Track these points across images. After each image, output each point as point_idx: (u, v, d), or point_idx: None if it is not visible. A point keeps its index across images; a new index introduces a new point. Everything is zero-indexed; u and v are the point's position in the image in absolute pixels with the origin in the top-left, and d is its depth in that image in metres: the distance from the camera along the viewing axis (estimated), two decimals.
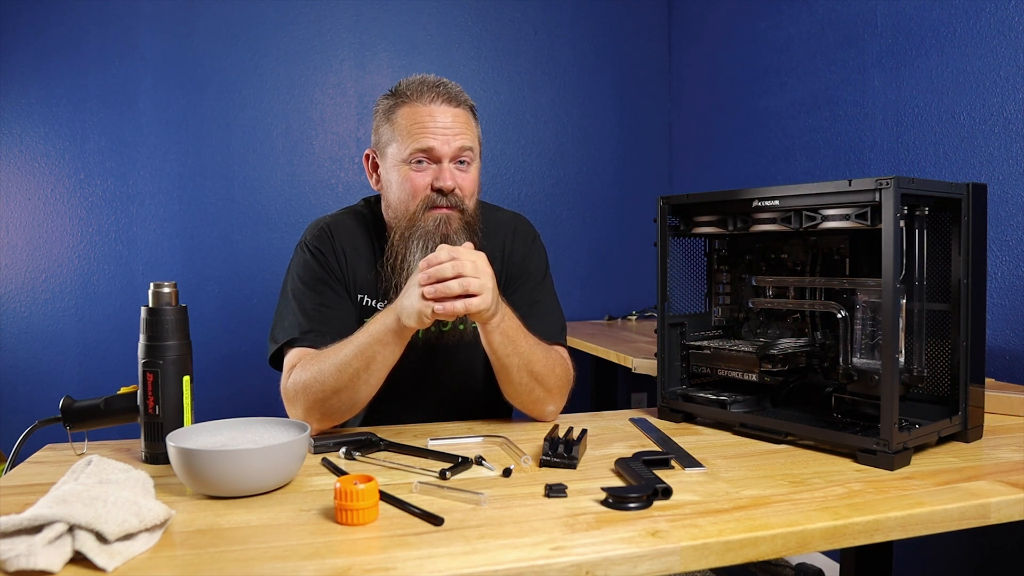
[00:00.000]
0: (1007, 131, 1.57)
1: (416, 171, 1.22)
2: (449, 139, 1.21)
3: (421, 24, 2.73)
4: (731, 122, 2.59)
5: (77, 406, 1.02)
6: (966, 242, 1.02)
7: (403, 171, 1.23)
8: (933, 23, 1.74)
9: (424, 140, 1.21)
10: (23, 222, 2.41)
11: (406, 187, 1.23)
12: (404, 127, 1.22)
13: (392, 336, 1.08)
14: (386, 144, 1.26)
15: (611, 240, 2.97)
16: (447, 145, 1.21)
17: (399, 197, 1.24)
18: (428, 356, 1.30)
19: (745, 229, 1.15)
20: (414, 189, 1.22)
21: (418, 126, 1.21)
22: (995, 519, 0.81)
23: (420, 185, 1.22)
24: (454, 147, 1.22)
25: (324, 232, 1.30)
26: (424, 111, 1.22)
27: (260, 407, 2.39)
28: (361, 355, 1.09)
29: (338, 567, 0.65)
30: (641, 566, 0.68)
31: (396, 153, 1.23)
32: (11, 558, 0.62)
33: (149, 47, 2.48)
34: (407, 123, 1.22)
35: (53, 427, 1.04)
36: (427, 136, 1.21)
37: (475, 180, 1.28)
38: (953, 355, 1.05)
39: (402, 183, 1.23)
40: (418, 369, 1.29)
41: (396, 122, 1.24)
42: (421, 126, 1.21)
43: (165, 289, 0.99)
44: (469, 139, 1.25)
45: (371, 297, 1.30)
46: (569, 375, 1.25)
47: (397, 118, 1.24)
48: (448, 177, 1.21)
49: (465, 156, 1.25)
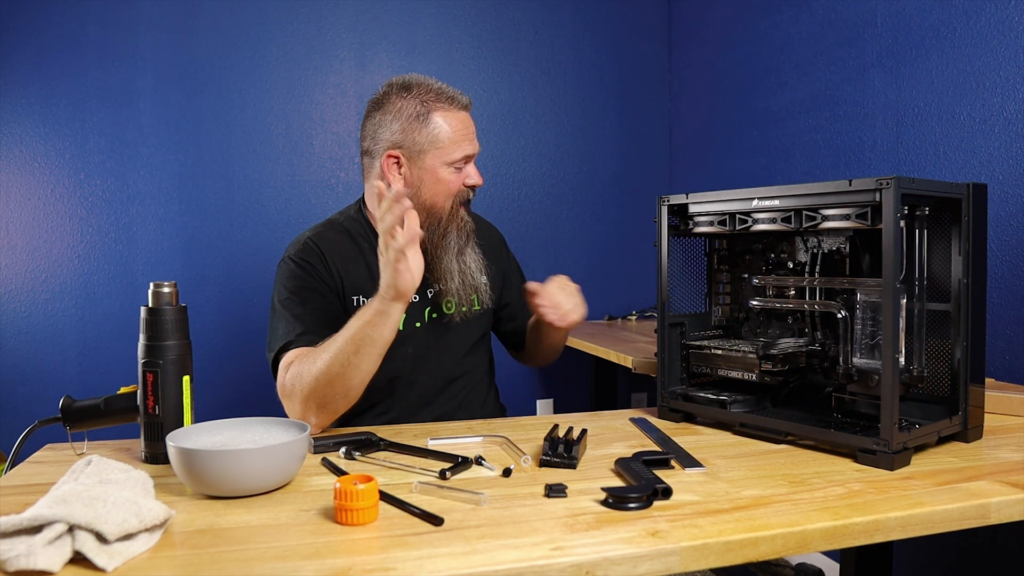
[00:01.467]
0: (1007, 131, 1.57)
1: (458, 174, 1.34)
2: (476, 143, 1.36)
3: (421, 24, 2.73)
4: (731, 122, 2.59)
5: (77, 406, 1.02)
6: (966, 242, 1.02)
7: (444, 173, 1.32)
8: (933, 23, 1.74)
9: (471, 146, 1.33)
10: (23, 222, 2.41)
11: (444, 187, 1.32)
12: (445, 134, 1.31)
13: (379, 317, 1.12)
14: (423, 149, 1.31)
15: (611, 240, 2.97)
16: (477, 148, 1.36)
17: (435, 196, 1.33)
18: (429, 339, 1.37)
19: (745, 229, 1.15)
20: (454, 189, 1.33)
21: (460, 133, 1.32)
22: (995, 519, 0.81)
23: (458, 184, 1.34)
24: (478, 150, 1.36)
25: (308, 244, 1.35)
26: (458, 118, 1.33)
27: (260, 407, 2.39)
28: (351, 340, 1.12)
29: (338, 567, 0.65)
30: (641, 566, 0.68)
31: (439, 157, 1.31)
32: (11, 558, 0.62)
33: (149, 47, 2.48)
34: (452, 128, 1.31)
35: (53, 427, 1.04)
36: (468, 143, 1.33)
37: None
38: (953, 355, 1.05)
39: (441, 184, 1.32)
40: (419, 353, 1.36)
41: (434, 129, 1.31)
42: (463, 134, 1.32)
43: (165, 289, 0.99)
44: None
45: (366, 296, 1.33)
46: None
47: (434, 124, 1.31)
48: (478, 174, 1.36)
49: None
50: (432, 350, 1.38)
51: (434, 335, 1.38)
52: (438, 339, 1.39)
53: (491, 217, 2.98)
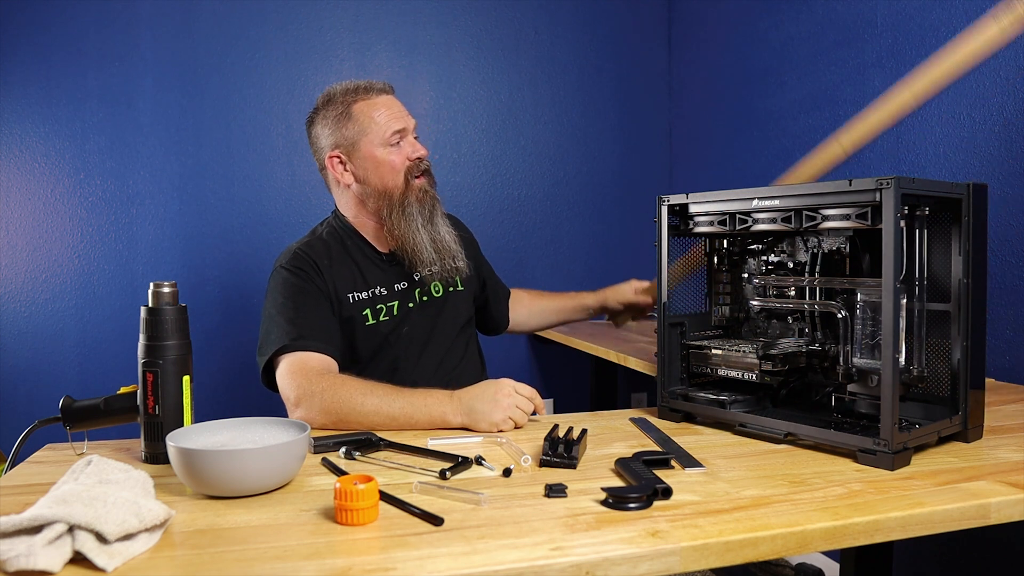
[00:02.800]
0: (1007, 131, 1.57)
1: (395, 150, 1.40)
2: (406, 118, 1.42)
3: (421, 24, 2.73)
4: (731, 122, 2.59)
5: (77, 406, 1.02)
6: (966, 242, 1.02)
7: (382, 153, 1.39)
8: (933, 23, 1.74)
9: (398, 122, 1.40)
10: (23, 222, 2.41)
11: (389, 165, 1.39)
12: (371, 117, 1.39)
13: (441, 423, 1.15)
14: (356, 138, 1.40)
15: (611, 240, 2.97)
16: (408, 123, 1.42)
17: (383, 178, 1.40)
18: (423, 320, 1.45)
19: (745, 229, 1.15)
20: (399, 165, 1.40)
21: (383, 114, 1.39)
22: (995, 519, 0.81)
23: (400, 160, 1.40)
24: (412, 124, 1.43)
25: (299, 253, 1.40)
26: (379, 102, 1.41)
27: (260, 407, 2.39)
28: (407, 418, 1.16)
29: (338, 567, 0.65)
30: (641, 566, 0.68)
31: (372, 141, 1.39)
32: (11, 558, 0.62)
33: (149, 47, 2.48)
34: (377, 113, 1.39)
35: (53, 427, 1.04)
36: (398, 119, 1.40)
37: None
38: (953, 355, 1.05)
39: (383, 164, 1.39)
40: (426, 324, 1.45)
41: (357, 118, 1.40)
42: (391, 113, 1.40)
43: (165, 289, 0.99)
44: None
45: (358, 291, 1.41)
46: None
47: (358, 112, 1.40)
48: (417, 148, 1.42)
49: (416, 131, 1.45)
50: (425, 332, 1.44)
51: (426, 317, 1.46)
52: (430, 321, 1.46)
53: (491, 217, 2.98)
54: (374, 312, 1.40)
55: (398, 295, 1.43)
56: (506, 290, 1.74)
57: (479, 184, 2.82)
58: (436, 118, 2.75)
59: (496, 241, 2.77)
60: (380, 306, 1.41)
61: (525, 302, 1.75)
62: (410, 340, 1.43)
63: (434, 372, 1.45)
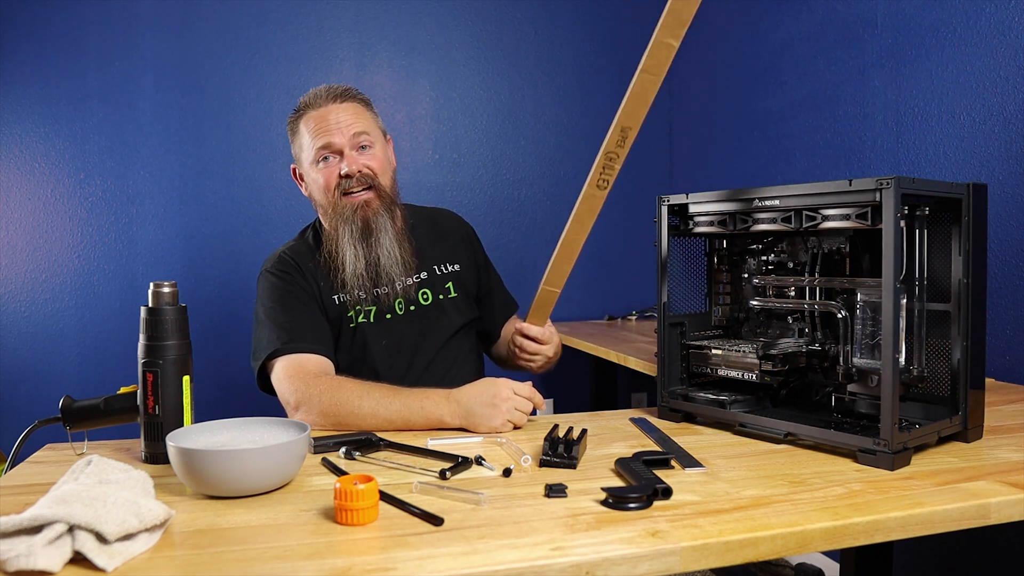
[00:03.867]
0: (1007, 131, 1.57)
1: (325, 167, 1.38)
2: (343, 130, 1.36)
3: (421, 24, 2.73)
4: (731, 122, 2.59)
5: (77, 406, 1.02)
6: (966, 242, 1.02)
7: (315, 171, 1.38)
8: (933, 23, 1.74)
9: (322, 138, 1.36)
10: (23, 222, 2.41)
11: (320, 183, 1.38)
12: (306, 133, 1.39)
13: (439, 424, 1.15)
14: (300, 154, 1.42)
15: (611, 240, 2.97)
16: (342, 136, 1.36)
17: (319, 195, 1.40)
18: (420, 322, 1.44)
19: (745, 229, 1.15)
20: (327, 183, 1.37)
21: (317, 128, 1.37)
22: (995, 519, 0.81)
23: (330, 177, 1.37)
24: (349, 135, 1.36)
25: (283, 257, 1.41)
26: (318, 115, 1.38)
27: (260, 407, 2.39)
28: (404, 421, 1.15)
29: (338, 567, 0.65)
30: (641, 566, 0.68)
31: (307, 158, 1.39)
32: (11, 558, 0.62)
33: (149, 47, 2.48)
34: (308, 129, 1.38)
35: (53, 427, 1.04)
36: (324, 134, 1.36)
37: (383, 160, 1.42)
38: (953, 355, 1.05)
39: (318, 180, 1.38)
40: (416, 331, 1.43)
41: (300, 132, 1.40)
42: (319, 128, 1.37)
43: (165, 289, 0.99)
44: (362, 125, 1.39)
45: (346, 294, 1.40)
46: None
47: (300, 129, 1.41)
48: (351, 162, 1.36)
49: (364, 141, 1.38)
50: (409, 341, 1.42)
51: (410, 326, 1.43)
52: (414, 331, 1.43)
53: (491, 217, 2.97)
54: (358, 312, 1.39)
55: (378, 300, 1.40)
56: (510, 305, 1.63)
57: (479, 184, 2.82)
58: (436, 118, 2.75)
59: (496, 241, 2.77)
60: (360, 308, 1.40)
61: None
62: (394, 351, 1.41)
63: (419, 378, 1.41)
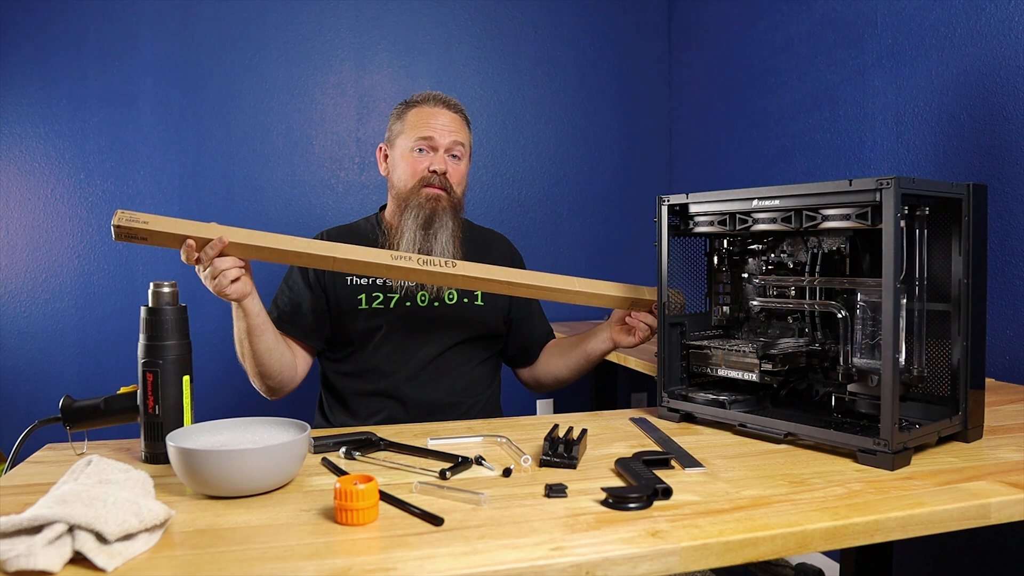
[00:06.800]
0: (1007, 131, 1.57)
1: (419, 157, 1.50)
2: (445, 134, 1.50)
3: (421, 24, 2.73)
4: (731, 122, 2.59)
5: (77, 406, 1.02)
6: (966, 242, 1.02)
7: (408, 156, 1.51)
8: (933, 23, 1.74)
9: (426, 131, 1.50)
10: (23, 222, 2.41)
11: (408, 168, 1.50)
12: (412, 123, 1.52)
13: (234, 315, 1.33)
14: (396, 137, 1.54)
15: (611, 240, 2.97)
16: (444, 137, 1.50)
17: (402, 177, 1.51)
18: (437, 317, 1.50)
19: (745, 229, 1.15)
20: (415, 169, 1.50)
21: (422, 122, 1.51)
22: (995, 519, 0.81)
23: (420, 166, 1.50)
24: (448, 140, 1.51)
25: (320, 236, 1.52)
26: (428, 112, 1.52)
27: (260, 407, 2.39)
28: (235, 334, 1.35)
29: (338, 567, 0.65)
30: (641, 566, 0.68)
31: (404, 143, 1.52)
32: (11, 558, 0.62)
33: (149, 47, 2.48)
34: (414, 120, 1.51)
35: (53, 427, 1.04)
36: (428, 129, 1.50)
37: (463, 173, 1.56)
38: (953, 355, 1.05)
39: (405, 166, 1.51)
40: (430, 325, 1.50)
41: (406, 120, 1.53)
42: (425, 122, 1.50)
43: (165, 289, 0.99)
44: (462, 137, 1.54)
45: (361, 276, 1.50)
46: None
47: (407, 117, 1.53)
48: (442, 161, 1.50)
49: (457, 151, 1.52)
50: (418, 330, 1.49)
51: (425, 318, 1.50)
52: (428, 322, 1.50)
53: (491, 217, 2.98)
54: (368, 298, 1.48)
55: (400, 290, 1.48)
56: (543, 329, 1.66)
57: (479, 184, 2.82)
58: None
59: None
60: (377, 294, 1.49)
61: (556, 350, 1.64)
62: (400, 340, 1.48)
63: (419, 372, 1.48)
